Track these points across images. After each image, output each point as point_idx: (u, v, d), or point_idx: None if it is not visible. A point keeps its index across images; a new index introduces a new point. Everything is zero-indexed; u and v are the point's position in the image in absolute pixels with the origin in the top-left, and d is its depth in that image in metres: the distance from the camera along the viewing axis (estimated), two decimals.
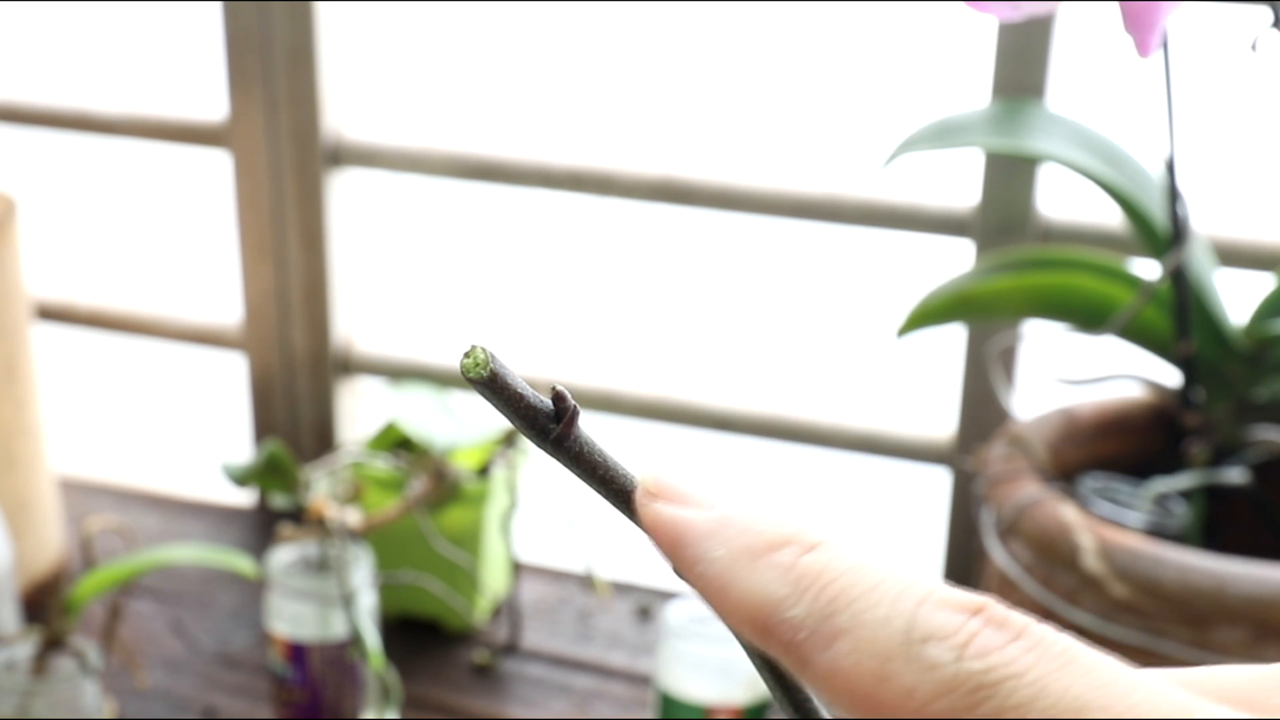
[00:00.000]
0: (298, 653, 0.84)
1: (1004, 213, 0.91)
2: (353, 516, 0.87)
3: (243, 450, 1.13)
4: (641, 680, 0.94)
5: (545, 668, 0.95)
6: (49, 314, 1.16)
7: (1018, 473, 0.79)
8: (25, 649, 0.79)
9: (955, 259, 0.94)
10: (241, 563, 0.85)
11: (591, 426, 0.24)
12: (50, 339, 1.16)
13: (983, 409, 0.96)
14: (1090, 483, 0.80)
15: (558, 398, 0.24)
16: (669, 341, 2.16)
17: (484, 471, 0.95)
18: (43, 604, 0.98)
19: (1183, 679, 0.25)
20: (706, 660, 0.80)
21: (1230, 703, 0.25)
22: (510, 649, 0.97)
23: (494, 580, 0.98)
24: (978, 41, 0.92)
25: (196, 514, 1.13)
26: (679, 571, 0.24)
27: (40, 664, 0.78)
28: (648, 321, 2.24)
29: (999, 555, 0.78)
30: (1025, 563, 0.76)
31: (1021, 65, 0.88)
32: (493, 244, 2.48)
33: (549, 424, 0.24)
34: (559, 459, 0.24)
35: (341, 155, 1.05)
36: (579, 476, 0.25)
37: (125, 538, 0.84)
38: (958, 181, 0.95)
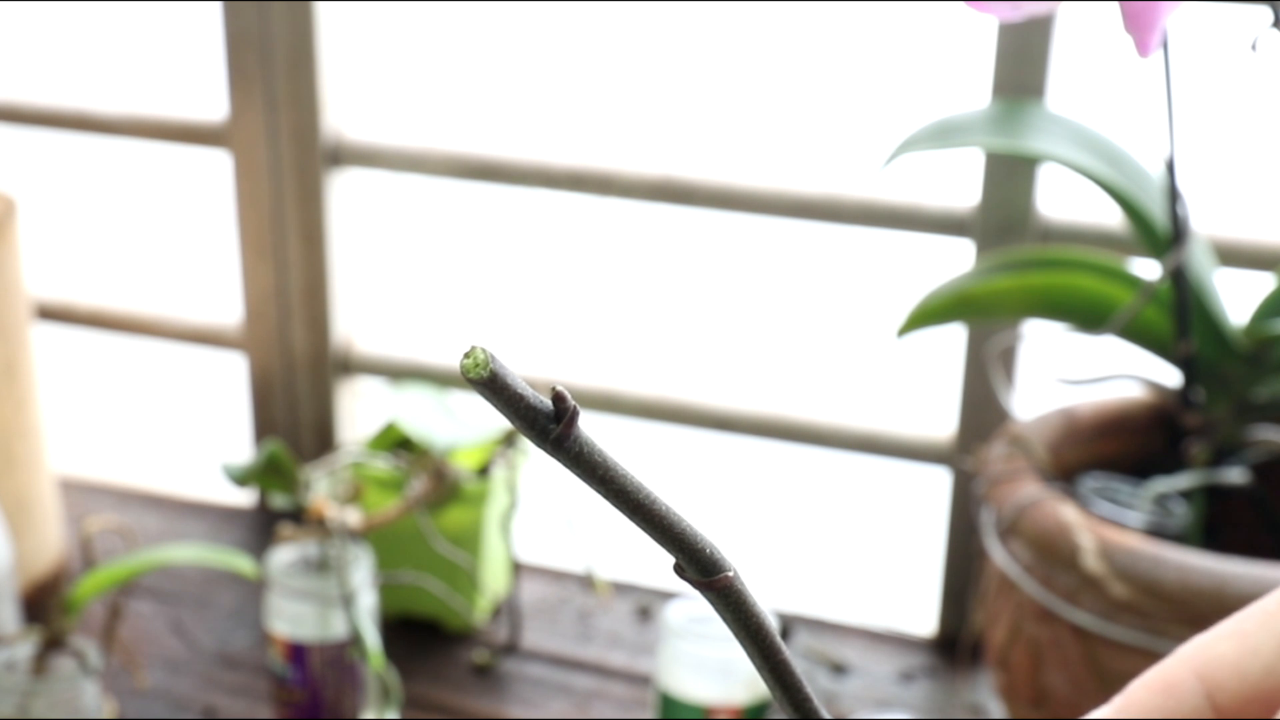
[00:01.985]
0: (298, 653, 0.84)
1: (1004, 213, 0.91)
2: (353, 516, 0.87)
3: (243, 450, 1.13)
4: (641, 680, 0.94)
5: (545, 668, 0.95)
6: (49, 314, 1.16)
7: (1018, 473, 0.79)
8: (25, 649, 0.79)
9: (955, 259, 0.94)
10: (241, 563, 0.85)
11: (591, 426, 0.24)
12: (50, 339, 1.16)
13: (983, 409, 0.96)
14: (1090, 483, 0.80)
15: (558, 398, 0.24)
16: (669, 341, 2.16)
17: (484, 471, 0.95)
18: (43, 604, 0.98)
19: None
20: (706, 660, 0.80)
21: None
22: (510, 649, 0.97)
23: (494, 580, 0.98)
24: (978, 41, 0.92)
25: (196, 514, 1.13)
26: None
27: (40, 664, 0.78)
28: (648, 321, 2.24)
29: (999, 555, 0.78)
30: (1025, 563, 0.76)
31: (1021, 65, 0.88)
32: (493, 244, 2.48)
33: (549, 424, 0.24)
34: (559, 459, 0.24)
35: (341, 155, 1.05)
36: (579, 476, 0.25)
37: (125, 538, 0.84)
38: (958, 181, 0.95)
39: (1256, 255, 0.87)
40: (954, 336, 0.97)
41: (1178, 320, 0.76)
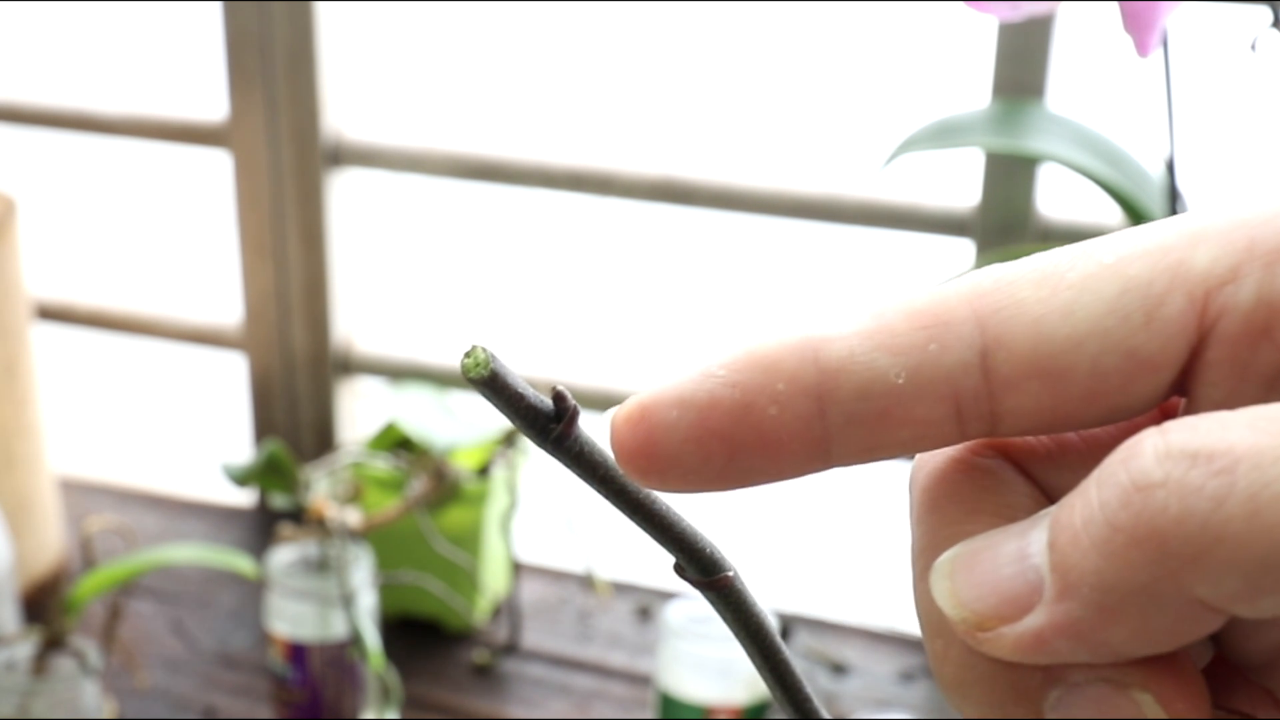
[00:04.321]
0: (298, 653, 0.84)
1: (1004, 213, 0.91)
2: (353, 516, 0.87)
3: (243, 450, 1.13)
4: (641, 680, 0.94)
5: (545, 668, 0.95)
6: (49, 314, 1.16)
7: None
8: (25, 649, 0.79)
9: (955, 259, 0.94)
10: (241, 563, 0.85)
11: (591, 426, 0.24)
12: (50, 339, 1.16)
13: None
14: None
15: (558, 398, 0.24)
16: (669, 342, 2.17)
17: (484, 471, 0.95)
18: (43, 604, 0.98)
19: None
20: (706, 660, 0.80)
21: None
22: (510, 649, 0.97)
23: (494, 580, 0.98)
24: (978, 41, 0.92)
25: (196, 514, 1.13)
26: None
27: (40, 664, 0.78)
28: (648, 321, 2.24)
29: None
30: None
31: (1021, 65, 0.88)
32: (493, 244, 2.48)
33: (549, 424, 0.24)
34: (559, 459, 0.24)
35: (341, 155, 1.05)
36: (579, 476, 0.25)
37: (125, 538, 0.84)
38: (958, 181, 0.95)
39: None
40: None
41: None
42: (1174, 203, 0.73)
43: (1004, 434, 0.22)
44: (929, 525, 0.23)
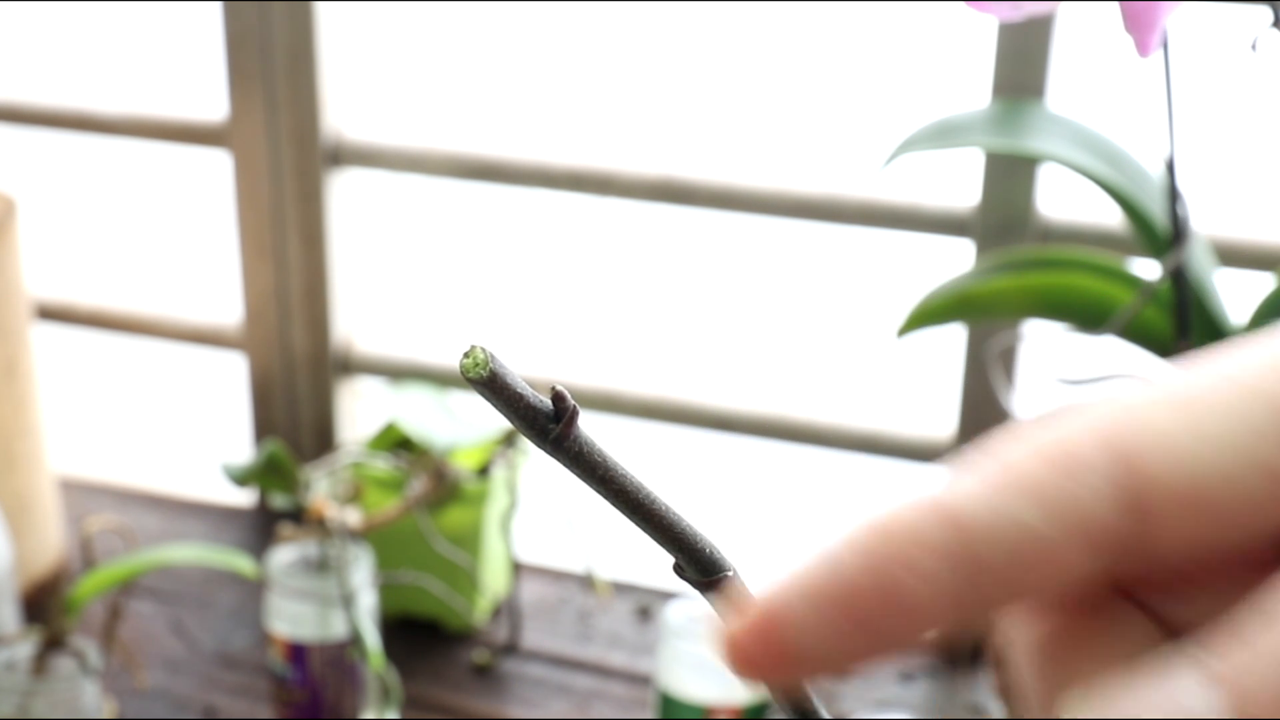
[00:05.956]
0: (298, 653, 0.84)
1: (1004, 213, 0.91)
2: (353, 516, 0.87)
3: (243, 450, 1.13)
4: (641, 680, 0.94)
5: (545, 668, 0.95)
6: (49, 314, 1.16)
7: None
8: (25, 649, 0.79)
9: (955, 259, 0.94)
10: (241, 563, 0.85)
11: (591, 426, 0.24)
12: (50, 339, 1.16)
13: (983, 409, 0.96)
14: None
15: (558, 398, 0.24)
16: (669, 341, 2.16)
17: (484, 471, 0.95)
18: (43, 604, 0.98)
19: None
20: (706, 660, 0.80)
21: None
22: (510, 649, 0.97)
23: (494, 580, 0.98)
24: (978, 41, 0.92)
25: (196, 514, 1.13)
26: None
27: (40, 664, 0.78)
28: (648, 321, 2.24)
29: None
30: None
31: (1021, 65, 0.88)
32: (493, 244, 2.48)
33: (549, 424, 0.24)
34: (559, 459, 0.24)
35: (341, 155, 1.05)
36: (579, 476, 0.25)
37: (125, 538, 0.84)
38: (958, 181, 0.95)
39: (1256, 255, 0.87)
40: (954, 336, 0.97)
41: (1178, 320, 0.76)
42: (1174, 203, 0.73)
43: (1148, 566, 0.21)
44: (1043, 664, 0.22)
